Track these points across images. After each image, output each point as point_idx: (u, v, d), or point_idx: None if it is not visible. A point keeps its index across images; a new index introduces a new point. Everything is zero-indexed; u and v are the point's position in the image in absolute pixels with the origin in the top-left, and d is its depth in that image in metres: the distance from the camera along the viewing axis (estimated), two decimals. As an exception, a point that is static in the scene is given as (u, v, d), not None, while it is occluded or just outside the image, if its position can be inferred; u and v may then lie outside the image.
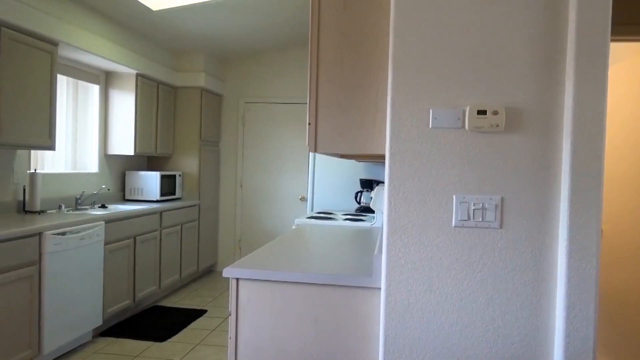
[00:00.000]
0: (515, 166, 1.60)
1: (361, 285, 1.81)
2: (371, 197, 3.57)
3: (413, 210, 1.64)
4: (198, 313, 4.39)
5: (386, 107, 1.80)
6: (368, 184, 4.04)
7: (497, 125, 1.58)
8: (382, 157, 2.51)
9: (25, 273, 2.96)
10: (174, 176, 5.26)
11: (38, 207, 3.68)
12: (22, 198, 3.72)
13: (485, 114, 1.59)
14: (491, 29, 1.60)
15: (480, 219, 1.61)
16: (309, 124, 1.92)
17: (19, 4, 3.21)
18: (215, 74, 5.84)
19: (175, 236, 5.00)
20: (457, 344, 1.63)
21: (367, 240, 2.74)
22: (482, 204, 1.61)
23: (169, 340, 3.74)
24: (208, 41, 5.23)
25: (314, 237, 2.82)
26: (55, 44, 3.60)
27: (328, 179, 4.26)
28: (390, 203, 1.65)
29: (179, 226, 5.07)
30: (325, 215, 3.70)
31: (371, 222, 3.38)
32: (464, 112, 1.61)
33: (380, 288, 1.77)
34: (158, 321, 4.14)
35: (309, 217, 3.56)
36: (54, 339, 3.20)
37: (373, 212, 3.91)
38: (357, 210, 4.10)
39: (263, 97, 6.02)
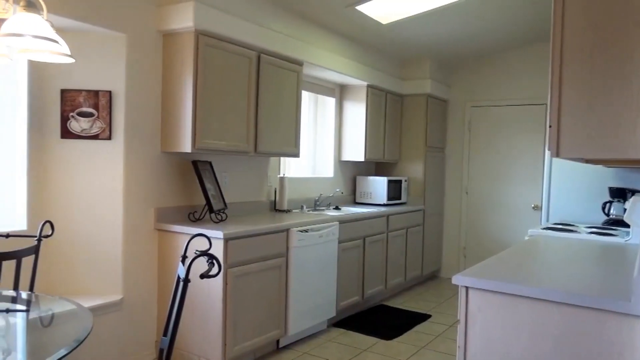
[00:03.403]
0: None
1: (616, 310, 1.57)
2: (625, 209, 3.07)
3: (690, 227, 1.35)
4: (422, 317, 4.43)
5: (651, 104, 1.53)
6: (620, 193, 3.48)
7: None
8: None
9: (276, 263, 3.43)
10: (400, 181, 5.43)
11: (285, 207, 4.24)
12: (273, 198, 4.33)
13: None
14: None
15: None
16: (550, 126, 1.76)
17: (274, 32, 3.75)
18: (440, 79, 5.83)
19: (401, 239, 5.15)
20: None
21: (620, 258, 2.36)
22: None
23: (394, 339, 3.87)
24: (433, 48, 5.25)
25: (551, 250, 2.57)
26: (300, 64, 4.09)
27: (567, 186, 3.82)
28: (657, 217, 1.40)
29: (404, 230, 5.20)
30: (565, 227, 3.33)
31: (625, 237, 2.90)
32: None
33: (641, 316, 1.51)
34: (384, 320, 4.32)
35: (544, 228, 3.25)
36: (297, 323, 3.63)
37: (627, 226, 3.35)
38: (605, 223, 3.57)
39: (491, 99, 5.75)
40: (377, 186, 5.24)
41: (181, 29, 3.17)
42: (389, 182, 5.23)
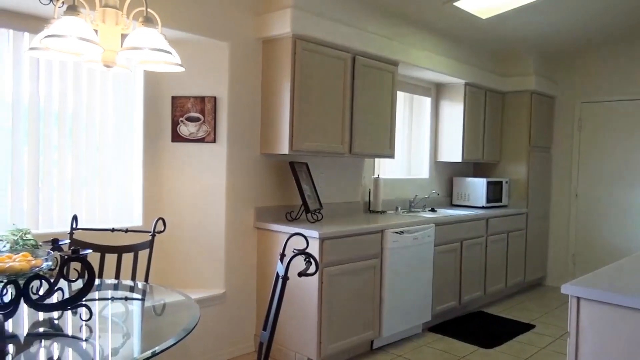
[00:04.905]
0: None
1: None
2: None
3: None
4: (525, 327, 4.18)
5: None
6: None
7: None
8: None
9: (371, 264, 3.43)
10: (501, 183, 5.17)
11: (380, 208, 4.22)
12: (367, 199, 4.33)
13: None
14: None
15: None
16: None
17: (368, 34, 3.75)
18: (546, 74, 5.46)
19: (501, 244, 4.90)
20: None
21: None
22: None
23: (494, 348, 3.68)
24: (537, 41, 4.93)
25: (679, 260, 2.30)
26: (395, 64, 4.05)
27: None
28: None
29: (505, 234, 4.94)
30: (696, 235, 2.96)
31: None
32: None
33: None
34: (483, 327, 4.13)
35: (670, 236, 2.92)
36: (391, 325, 3.60)
37: None
38: None
39: (605, 95, 5.27)
40: (476, 188, 5.03)
41: (279, 35, 3.28)
42: (489, 183, 5.00)
